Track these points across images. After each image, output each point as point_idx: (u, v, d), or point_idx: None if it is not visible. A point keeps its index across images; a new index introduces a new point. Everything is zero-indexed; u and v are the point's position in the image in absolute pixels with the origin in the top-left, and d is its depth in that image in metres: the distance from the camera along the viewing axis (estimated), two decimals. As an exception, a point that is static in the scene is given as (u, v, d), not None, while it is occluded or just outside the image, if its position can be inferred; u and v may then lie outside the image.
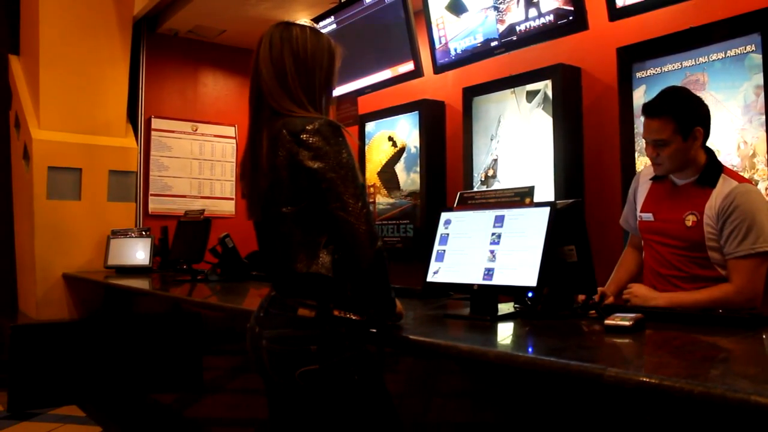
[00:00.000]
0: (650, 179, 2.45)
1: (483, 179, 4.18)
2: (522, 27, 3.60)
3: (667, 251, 2.32)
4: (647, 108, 2.28)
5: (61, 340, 4.65)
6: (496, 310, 1.99)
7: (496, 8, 3.73)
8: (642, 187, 2.49)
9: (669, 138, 2.22)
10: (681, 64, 3.26)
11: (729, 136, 3.05)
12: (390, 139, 4.92)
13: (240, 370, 5.30)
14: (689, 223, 2.25)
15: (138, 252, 4.87)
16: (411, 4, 4.16)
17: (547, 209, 1.92)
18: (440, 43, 4.11)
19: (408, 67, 4.27)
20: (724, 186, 2.23)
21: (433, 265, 2.13)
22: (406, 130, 4.80)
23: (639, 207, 2.46)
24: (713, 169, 2.30)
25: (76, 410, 4.46)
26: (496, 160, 4.11)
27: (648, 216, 2.39)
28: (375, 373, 1.71)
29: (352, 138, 1.71)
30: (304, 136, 1.62)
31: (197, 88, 6.13)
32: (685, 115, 2.24)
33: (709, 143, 3.20)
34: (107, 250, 4.93)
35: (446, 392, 2.38)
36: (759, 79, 2.95)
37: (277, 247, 1.71)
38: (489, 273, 1.96)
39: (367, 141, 5.08)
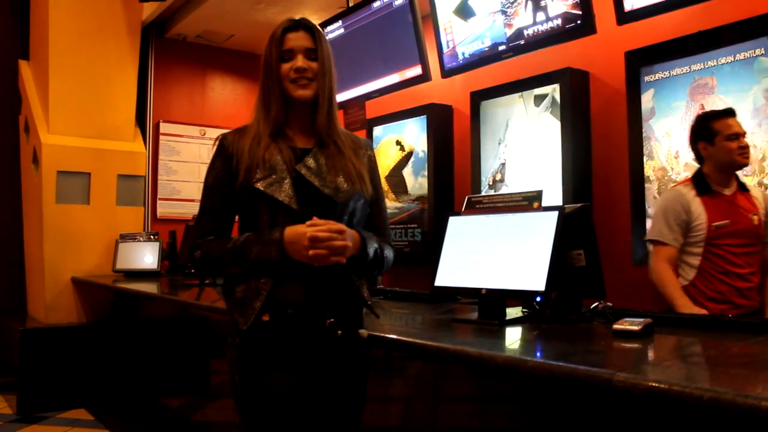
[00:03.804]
0: (696, 195, 2.75)
1: (491, 183, 4.17)
2: (530, 31, 3.59)
3: (741, 251, 2.70)
4: (731, 110, 2.79)
5: (70, 344, 4.67)
6: (504, 314, 1.98)
7: (503, 12, 3.73)
8: (694, 204, 2.73)
9: None
10: (690, 67, 3.25)
11: (738, 140, 3.04)
12: (398, 143, 4.92)
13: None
14: (756, 222, 2.72)
15: (146, 256, 4.89)
16: (419, 8, 4.17)
17: (556, 213, 1.92)
18: (448, 47, 4.11)
19: (416, 71, 4.27)
20: (752, 189, 2.81)
21: (441, 270, 2.12)
22: (414, 134, 4.80)
23: (701, 220, 2.70)
24: (739, 178, 2.81)
25: (84, 414, 4.47)
26: (504, 164, 4.11)
27: (724, 223, 2.68)
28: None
29: (232, 145, 1.74)
30: None
31: (205, 93, 6.15)
32: None
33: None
34: (116, 254, 4.94)
35: (454, 397, 2.38)
36: (768, 82, 2.95)
37: None
38: (497, 277, 1.96)
39: (375, 145, 5.08)
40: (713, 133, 2.74)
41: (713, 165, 2.76)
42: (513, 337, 1.81)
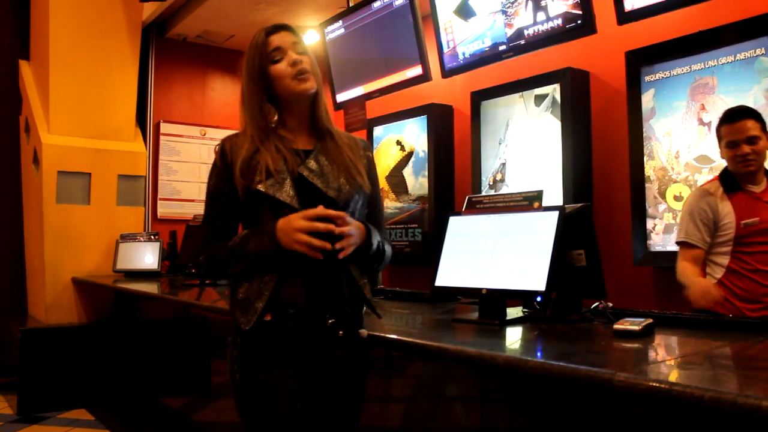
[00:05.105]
0: (724, 193, 2.66)
1: (491, 183, 4.17)
2: (530, 31, 3.59)
3: None
4: (733, 114, 2.64)
5: (70, 344, 4.66)
6: (505, 314, 1.98)
7: (504, 12, 3.73)
8: (722, 203, 2.66)
9: (760, 134, 2.59)
10: (690, 67, 3.25)
11: (739, 140, 3.03)
12: (398, 143, 4.92)
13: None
14: None
15: (147, 256, 4.89)
16: (419, 8, 4.17)
17: (556, 213, 1.92)
18: (448, 47, 4.11)
19: (416, 71, 4.26)
20: None
21: (442, 270, 2.12)
22: (415, 134, 4.80)
23: (729, 219, 2.63)
24: None
25: (84, 414, 4.47)
26: (504, 164, 4.11)
27: (753, 221, 2.62)
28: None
29: (236, 151, 1.73)
30: None
31: (205, 93, 6.15)
32: (762, 119, 2.63)
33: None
34: (116, 255, 4.94)
35: (454, 397, 2.38)
36: (769, 82, 2.95)
37: None
38: (497, 277, 1.96)
39: (375, 145, 5.08)
40: (719, 137, 2.70)
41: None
42: (513, 337, 1.81)
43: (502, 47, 3.78)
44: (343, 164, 1.75)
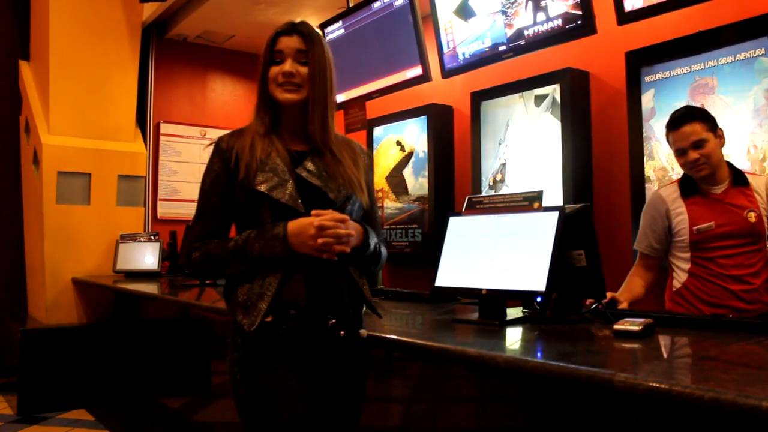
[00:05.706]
0: (680, 197, 2.57)
1: (491, 183, 4.17)
2: (530, 31, 3.59)
3: (735, 252, 2.48)
4: (676, 120, 2.52)
5: (71, 345, 4.66)
6: (505, 314, 1.98)
7: (504, 12, 3.73)
8: (675, 207, 2.57)
9: (705, 136, 2.47)
10: (690, 67, 3.25)
11: (739, 140, 3.04)
12: (398, 143, 4.92)
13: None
14: (753, 219, 2.48)
15: (147, 256, 4.89)
16: (419, 8, 4.17)
17: (556, 214, 1.91)
18: (448, 47, 4.11)
19: (416, 71, 4.27)
20: (755, 181, 2.54)
21: (442, 270, 2.12)
22: (414, 134, 4.80)
23: (683, 225, 2.54)
24: (738, 170, 2.57)
25: (84, 414, 4.47)
26: (504, 165, 4.10)
27: (708, 226, 2.50)
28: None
29: (232, 150, 1.73)
30: None
31: (206, 93, 6.16)
32: (708, 118, 2.51)
33: (719, 147, 3.17)
34: (116, 255, 4.94)
35: (454, 397, 2.38)
36: (769, 82, 2.94)
37: None
38: (497, 277, 1.96)
39: (375, 145, 5.08)
40: (669, 144, 2.60)
41: None
42: (513, 337, 1.81)
43: (502, 47, 3.78)
44: (342, 173, 1.75)
